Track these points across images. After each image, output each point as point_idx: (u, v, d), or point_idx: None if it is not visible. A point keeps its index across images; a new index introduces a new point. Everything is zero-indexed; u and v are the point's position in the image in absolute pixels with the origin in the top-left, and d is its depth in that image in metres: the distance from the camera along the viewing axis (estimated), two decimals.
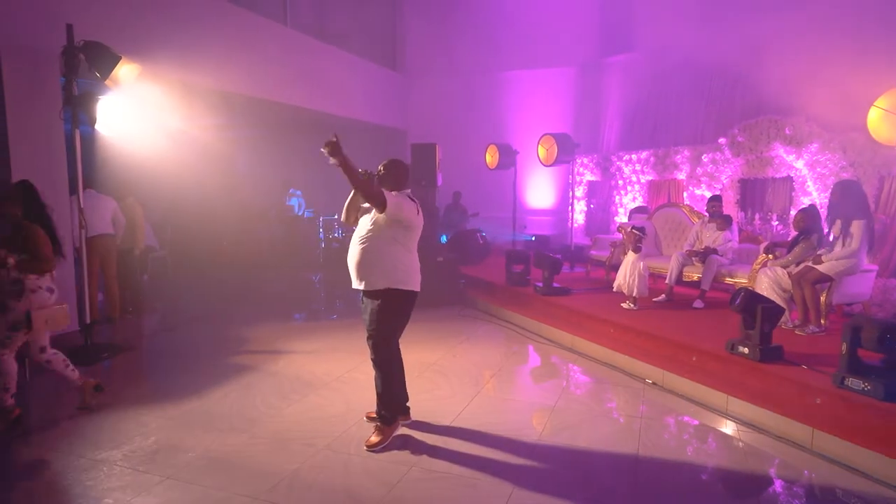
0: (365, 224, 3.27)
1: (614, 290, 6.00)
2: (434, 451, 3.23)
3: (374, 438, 3.29)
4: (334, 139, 2.91)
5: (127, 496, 2.75)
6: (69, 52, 4.75)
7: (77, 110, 4.84)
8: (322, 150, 2.92)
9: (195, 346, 5.55)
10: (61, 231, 5.35)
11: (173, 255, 9.48)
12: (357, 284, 3.29)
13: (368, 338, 3.33)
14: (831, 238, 4.80)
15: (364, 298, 3.36)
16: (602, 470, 3.10)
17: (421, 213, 3.34)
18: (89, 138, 5.87)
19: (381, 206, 3.11)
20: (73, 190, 5.30)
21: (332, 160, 2.93)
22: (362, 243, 3.24)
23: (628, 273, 5.75)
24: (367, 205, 3.30)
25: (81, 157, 5.05)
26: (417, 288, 3.35)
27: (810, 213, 5.06)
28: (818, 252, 4.79)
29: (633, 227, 5.89)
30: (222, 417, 3.71)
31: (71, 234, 5.41)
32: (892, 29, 5.59)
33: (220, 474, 2.97)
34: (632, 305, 5.77)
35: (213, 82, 7.27)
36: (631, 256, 5.80)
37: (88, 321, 5.09)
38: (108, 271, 6.19)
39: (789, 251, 5.07)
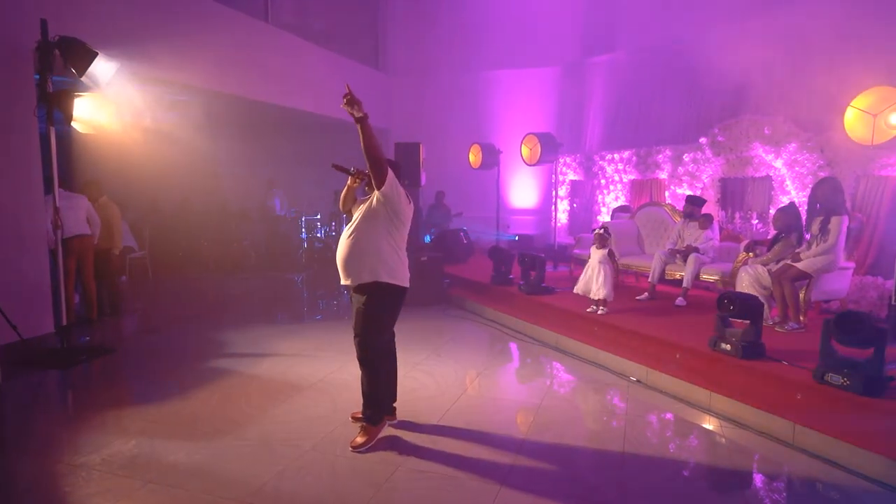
0: (355, 218, 3.25)
1: (574, 291, 5.67)
2: (421, 451, 3.21)
3: (360, 439, 3.26)
4: (348, 90, 2.87)
5: (107, 502, 2.69)
6: (43, 48, 4.61)
7: (52, 108, 4.72)
8: (343, 106, 2.89)
9: (176, 348, 5.46)
10: (37, 232, 5.25)
11: (152, 256, 9.31)
12: (344, 280, 3.25)
13: (355, 336, 3.27)
14: (808, 236, 4.89)
15: (352, 295, 3.31)
16: (588, 468, 3.11)
17: (412, 204, 3.31)
18: (65, 136, 5.74)
19: (382, 174, 3.07)
20: (48, 189, 5.17)
21: (354, 113, 2.90)
22: (350, 237, 3.21)
23: (594, 274, 5.47)
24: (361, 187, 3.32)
25: (56, 156, 4.92)
26: (406, 284, 3.30)
27: (790, 211, 5.14)
28: (797, 250, 4.88)
29: (596, 229, 5.65)
30: (206, 420, 3.65)
31: (46, 234, 5.30)
32: (870, 30, 5.71)
33: (203, 478, 2.91)
34: (600, 308, 5.49)
35: (193, 79, 7.16)
36: (596, 255, 5.52)
37: (65, 323, 4.97)
38: (86, 272, 6.05)
39: (769, 249, 5.15)
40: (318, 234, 11.07)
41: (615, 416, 3.85)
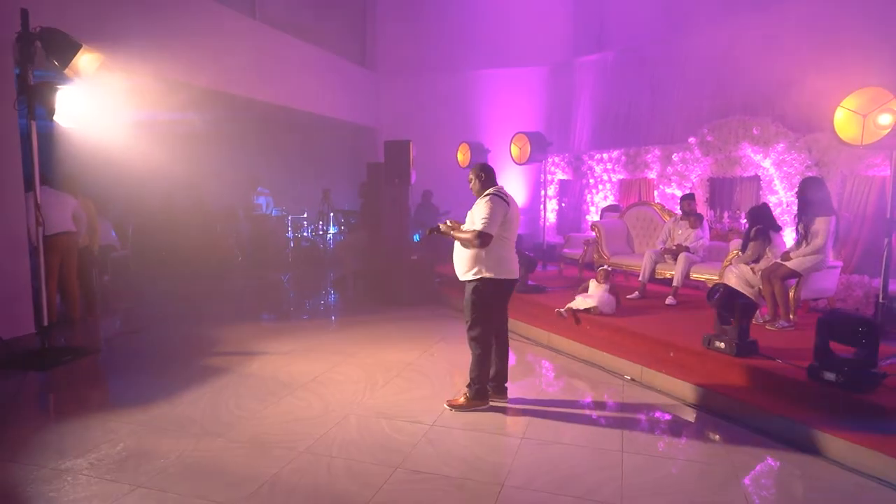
0: (467, 222, 3.72)
1: (572, 308, 5.48)
2: (417, 452, 3.16)
3: (459, 400, 3.75)
4: (434, 233, 3.79)
5: None
6: (24, 40, 4.46)
7: (33, 101, 4.57)
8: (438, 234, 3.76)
9: (163, 349, 5.33)
10: (18, 229, 5.10)
11: (136, 254, 9.12)
12: (459, 276, 3.76)
13: (465, 322, 3.74)
14: (797, 235, 4.95)
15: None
16: (586, 466, 3.08)
17: (513, 204, 3.70)
18: (47, 132, 5.58)
19: (484, 242, 3.54)
20: (28, 186, 5.01)
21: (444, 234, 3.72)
22: None
23: (598, 297, 5.42)
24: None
25: (38, 152, 4.77)
26: (510, 276, 3.70)
27: (754, 212, 5.30)
28: (785, 249, 4.96)
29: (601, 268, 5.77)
30: (195, 422, 3.56)
31: (27, 232, 5.14)
32: (859, 31, 5.77)
33: (195, 481, 2.83)
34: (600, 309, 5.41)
35: (178, 75, 7.02)
36: (597, 288, 5.53)
37: (46, 323, 4.82)
38: (69, 271, 5.88)
39: (743, 246, 5.25)
40: (305, 234, 10.95)
41: (612, 414, 3.84)
